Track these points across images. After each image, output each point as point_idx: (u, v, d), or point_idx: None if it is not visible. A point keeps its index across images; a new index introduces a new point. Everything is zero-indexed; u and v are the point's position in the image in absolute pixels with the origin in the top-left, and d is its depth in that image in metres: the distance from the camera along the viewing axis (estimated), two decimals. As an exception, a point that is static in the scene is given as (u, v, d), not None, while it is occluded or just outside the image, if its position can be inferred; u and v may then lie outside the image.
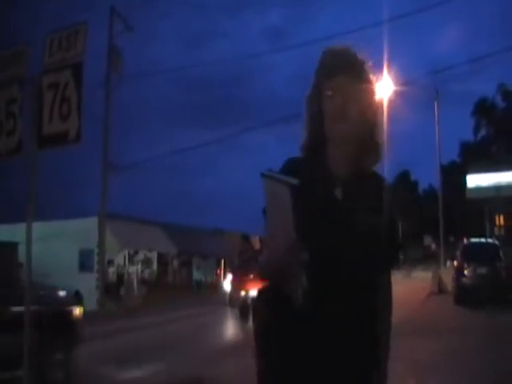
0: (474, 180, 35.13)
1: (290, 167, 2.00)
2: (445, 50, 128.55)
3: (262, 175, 1.89)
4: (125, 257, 32.68)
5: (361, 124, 1.98)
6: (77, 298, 25.13)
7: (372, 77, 2.02)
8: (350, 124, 1.96)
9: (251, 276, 13.93)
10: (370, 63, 2.04)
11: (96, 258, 26.78)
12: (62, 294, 10.21)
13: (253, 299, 2.33)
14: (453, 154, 74.39)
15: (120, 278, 31.59)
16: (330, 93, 1.98)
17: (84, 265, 28.84)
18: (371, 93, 2.02)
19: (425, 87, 31.55)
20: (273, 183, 1.84)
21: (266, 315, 1.98)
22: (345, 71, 1.97)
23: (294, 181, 1.75)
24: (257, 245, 15.27)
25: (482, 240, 24.59)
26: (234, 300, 17.23)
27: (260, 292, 2.06)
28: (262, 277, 2.07)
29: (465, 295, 18.65)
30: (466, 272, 19.06)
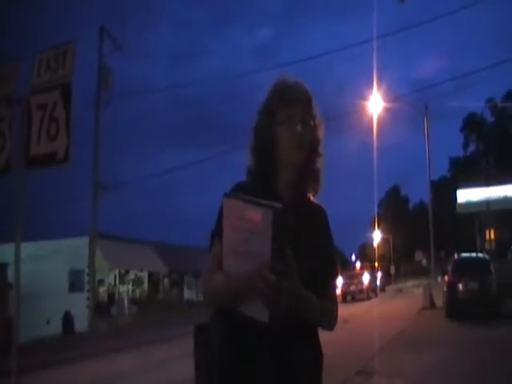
0: (465, 195, 35.21)
1: (240, 191, 2.02)
2: (435, 68, 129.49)
3: (228, 196, 1.90)
4: (115, 276, 32.52)
5: (309, 152, 2.14)
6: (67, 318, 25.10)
7: (318, 112, 2.18)
8: (304, 152, 2.11)
9: None
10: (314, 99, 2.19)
11: (86, 278, 26.64)
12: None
13: (197, 327, 2.20)
14: (443, 169, 74.85)
15: (111, 297, 31.42)
16: (289, 121, 2.09)
17: (74, 285, 28.68)
18: (319, 125, 2.18)
19: (414, 103, 31.75)
20: (243, 205, 1.81)
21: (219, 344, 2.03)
22: (301, 103, 2.12)
23: (276, 204, 1.74)
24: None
25: (473, 255, 24.57)
26: None
27: (213, 318, 2.08)
28: (212, 304, 2.09)
29: (456, 310, 18.63)
30: (457, 287, 19.04)
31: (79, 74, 6.90)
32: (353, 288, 39.13)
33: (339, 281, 27.86)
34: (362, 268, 50.28)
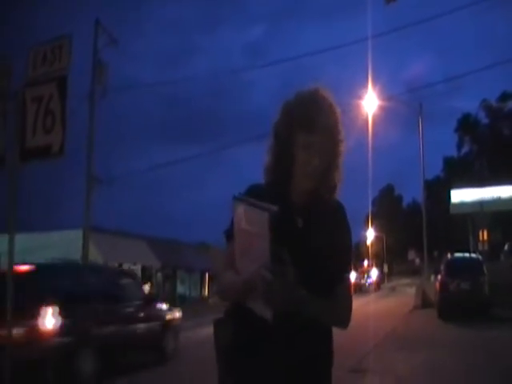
0: (458, 195, 35.31)
1: (254, 193, 2.05)
2: (430, 68, 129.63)
3: (235, 199, 1.98)
4: (108, 270, 32.42)
5: (325, 171, 2.12)
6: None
7: (340, 125, 2.12)
8: (317, 178, 2.10)
9: None
10: (338, 108, 2.12)
11: (79, 271, 26.57)
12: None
13: (215, 321, 2.33)
14: (437, 169, 75.00)
15: (103, 291, 31.33)
16: (307, 149, 2.05)
17: (67, 278, 28.58)
18: (340, 142, 2.13)
19: (409, 103, 31.75)
20: (247, 208, 1.89)
21: (232, 335, 2.11)
22: (323, 132, 2.04)
23: (273, 207, 1.78)
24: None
25: (466, 255, 24.67)
26: None
27: (226, 314, 2.17)
28: (224, 299, 2.17)
29: (448, 310, 18.67)
30: (449, 287, 19.09)
31: (72, 68, 6.87)
32: (363, 281, 47.30)
33: (352, 276, 29.97)
34: (369, 265, 56.18)
